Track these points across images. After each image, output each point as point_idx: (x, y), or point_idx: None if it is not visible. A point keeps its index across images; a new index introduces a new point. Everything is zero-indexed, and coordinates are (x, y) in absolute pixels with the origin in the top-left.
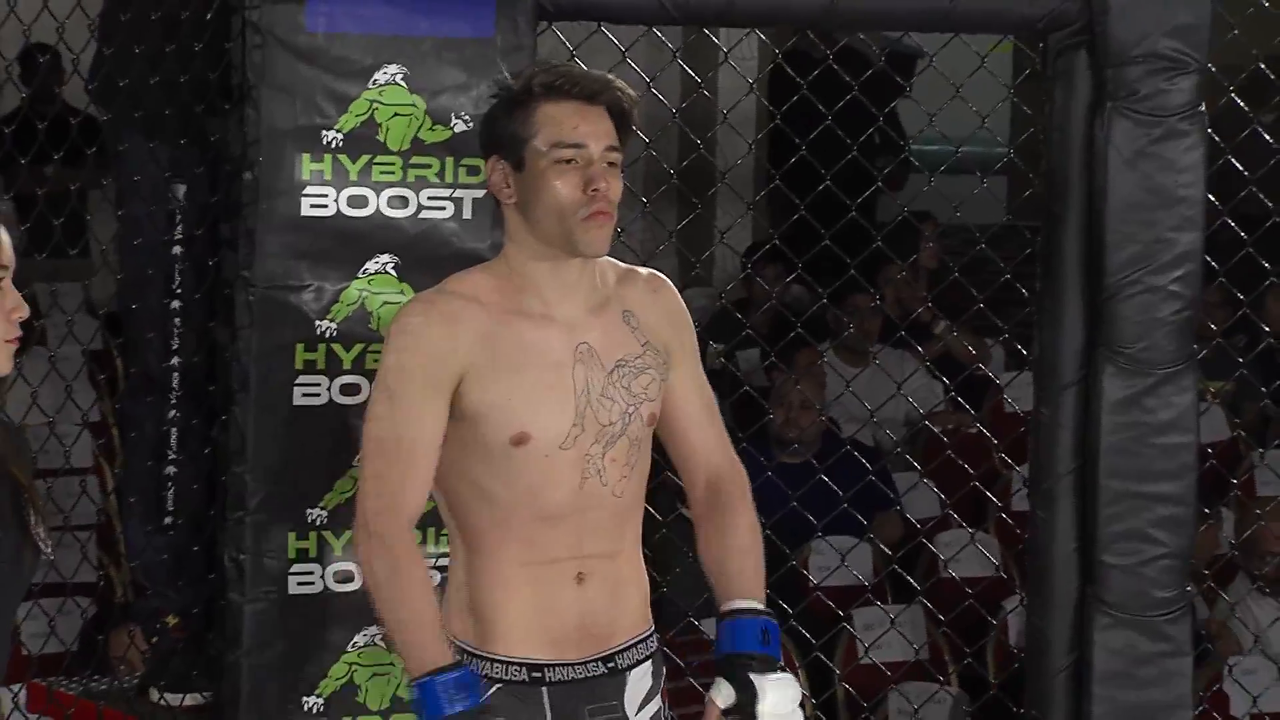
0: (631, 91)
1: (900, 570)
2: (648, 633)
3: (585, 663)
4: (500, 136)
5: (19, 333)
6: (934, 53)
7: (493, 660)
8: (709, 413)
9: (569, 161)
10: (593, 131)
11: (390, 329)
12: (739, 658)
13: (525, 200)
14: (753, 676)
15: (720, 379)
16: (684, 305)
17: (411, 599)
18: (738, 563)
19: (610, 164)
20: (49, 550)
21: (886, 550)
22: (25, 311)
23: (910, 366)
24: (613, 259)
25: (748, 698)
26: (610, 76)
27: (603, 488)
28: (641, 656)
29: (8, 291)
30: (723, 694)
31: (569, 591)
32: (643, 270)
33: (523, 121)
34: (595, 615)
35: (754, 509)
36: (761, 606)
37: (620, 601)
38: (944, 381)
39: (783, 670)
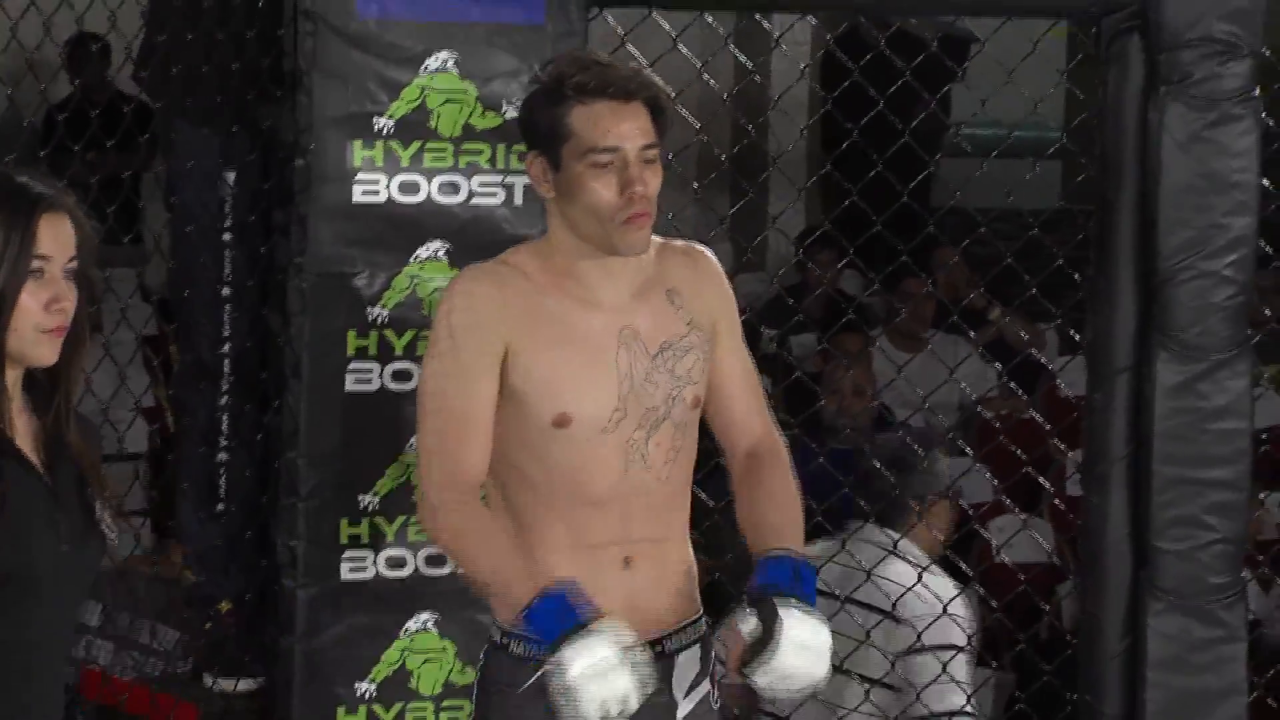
0: (663, 85)
1: (952, 556)
2: (697, 617)
3: None
4: (537, 134)
5: (59, 322)
6: (987, 37)
7: (540, 643)
8: (749, 382)
9: (605, 165)
10: (628, 131)
11: (442, 299)
12: (769, 588)
13: (564, 199)
14: (779, 608)
15: (773, 364)
16: (723, 274)
17: (482, 556)
18: (776, 517)
19: (648, 161)
20: (114, 537)
21: (939, 535)
22: (68, 303)
23: (964, 351)
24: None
25: (774, 629)
26: (642, 70)
27: (647, 472)
28: (690, 641)
29: (49, 282)
30: (749, 625)
31: (616, 575)
32: (679, 243)
33: (556, 122)
34: (642, 599)
35: (792, 475)
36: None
37: (668, 586)
38: (997, 367)
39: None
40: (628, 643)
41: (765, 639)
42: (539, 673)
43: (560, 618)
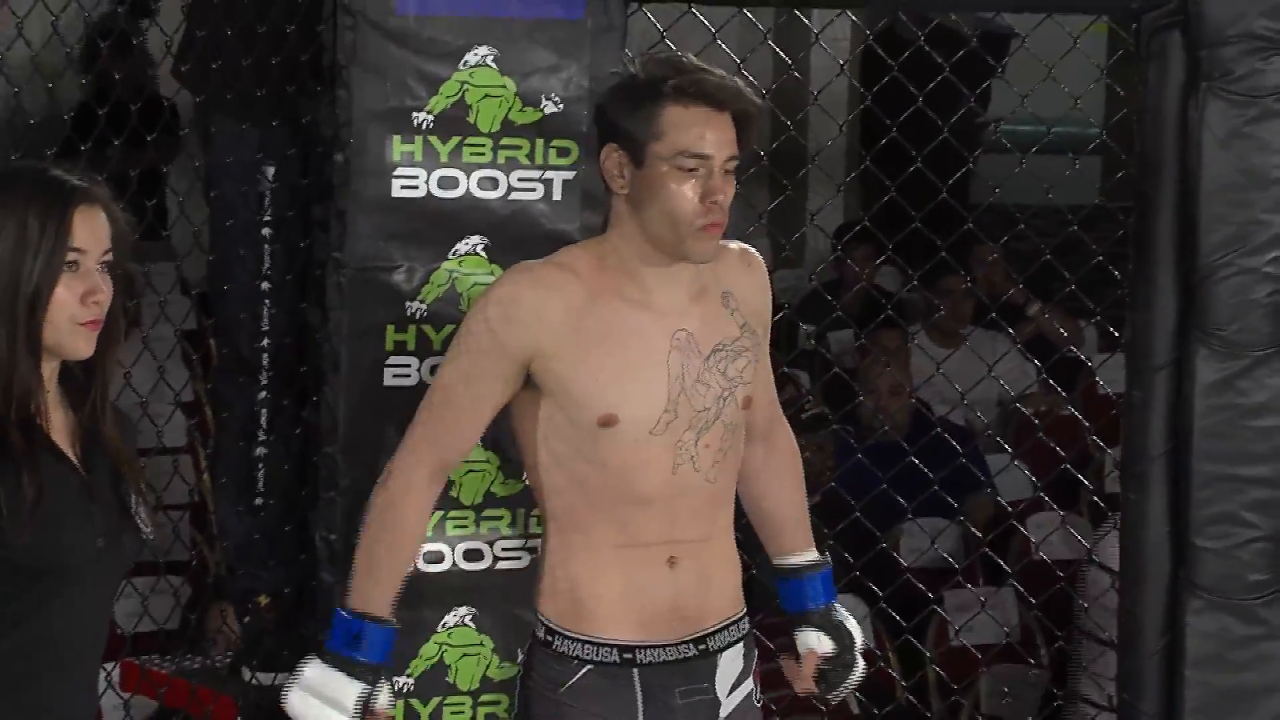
0: (757, 100)
1: (991, 552)
2: (740, 615)
3: (677, 644)
4: (620, 127)
5: (95, 315)
6: (1027, 34)
7: (584, 641)
8: (769, 377)
9: (691, 170)
10: (718, 141)
11: (481, 295)
12: (830, 608)
13: (639, 197)
14: (845, 623)
15: (811, 360)
16: (768, 278)
17: (378, 544)
18: (796, 513)
19: (727, 171)
20: (150, 532)
21: (977, 532)
22: (103, 296)
23: (1002, 348)
24: None
25: (847, 643)
26: (741, 85)
27: (696, 473)
28: (734, 639)
29: (84, 275)
30: (824, 644)
31: (661, 574)
32: (734, 244)
33: (648, 119)
34: (687, 598)
35: (800, 462)
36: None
37: (712, 584)
38: (1036, 363)
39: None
40: (369, 706)
41: (843, 655)
42: (581, 671)
43: (345, 642)
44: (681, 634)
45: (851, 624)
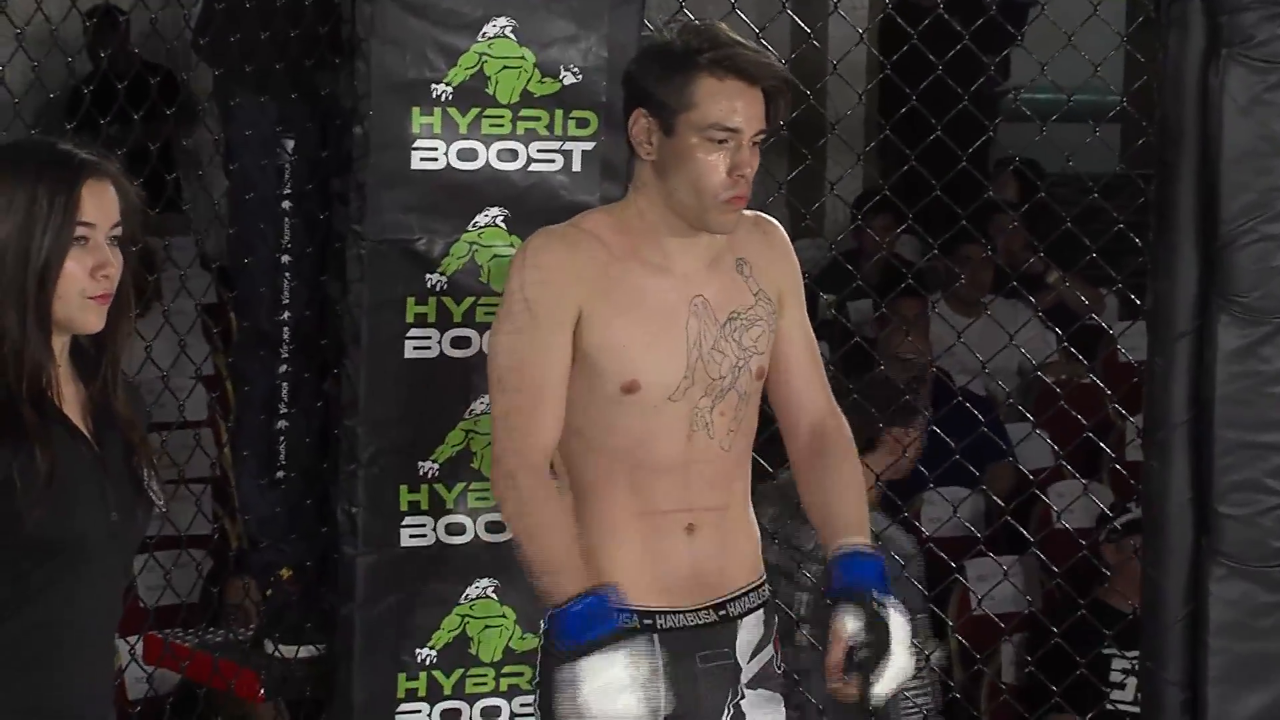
0: (789, 77)
1: (1013, 521)
2: (759, 582)
3: (697, 609)
4: (652, 94)
5: (105, 289)
6: (1046, 1)
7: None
8: (813, 358)
9: (721, 142)
10: (750, 115)
11: (514, 260)
12: (868, 594)
13: (665, 165)
14: (884, 611)
15: (831, 330)
16: (791, 246)
17: (539, 537)
18: (850, 510)
19: (755, 144)
20: (162, 504)
21: (999, 501)
22: (113, 270)
23: (1023, 317)
24: None
25: (881, 632)
26: (774, 60)
27: (710, 440)
28: (753, 605)
29: (93, 249)
30: (849, 627)
31: (679, 541)
32: (749, 213)
33: (681, 88)
34: (706, 564)
35: (857, 454)
36: (872, 547)
37: (731, 551)
38: (1057, 332)
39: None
40: (643, 666)
41: (873, 642)
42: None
43: (590, 624)
44: (701, 600)
45: (895, 616)
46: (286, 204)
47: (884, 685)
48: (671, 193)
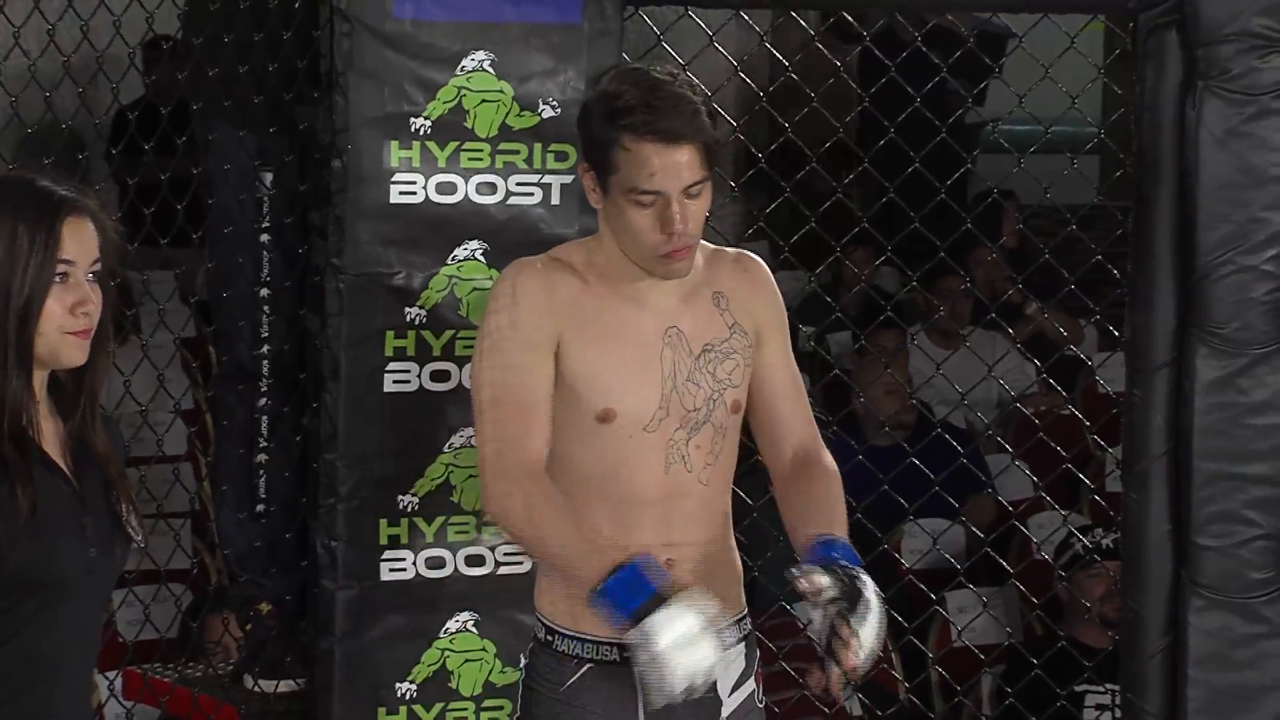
0: (714, 126)
1: (993, 553)
2: (740, 616)
3: None
4: (588, 149)
5: (85, 325)
6: (1023, 33)
7: (584, 640)
8: (796, 389)
9: (648, 204)
10: (671, 174)
11: (492, 290)
12: (845, 565)
13: (609, 217)
14: (857, 582)
15: (811, 362)
16: (774, 281)
17: (559, 529)
18: (823, 507)
19: (692, 196)
20: (140, 539)
21: (979, 533)
22: (93, 306)
23: (1002, 348)
24: (702, 240)
25: (851, 592)
26: (696, 107)
27: (688, 474)
28: (734, 639)
29: (73, 286)
30: (819, 580)
31: None
32: (731, 251)
33: (604, 152)
34: None
35: (840, 481)
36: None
37: (711, 586)
38: (1036, 363)
39: None
40: (711, 613)
41: (849, 592)
42: (581, 670)
43: (636, 589)
44: None
45: (865, 583)
46: (265, 237)
47: (868, 630)
48: (620, 242)
